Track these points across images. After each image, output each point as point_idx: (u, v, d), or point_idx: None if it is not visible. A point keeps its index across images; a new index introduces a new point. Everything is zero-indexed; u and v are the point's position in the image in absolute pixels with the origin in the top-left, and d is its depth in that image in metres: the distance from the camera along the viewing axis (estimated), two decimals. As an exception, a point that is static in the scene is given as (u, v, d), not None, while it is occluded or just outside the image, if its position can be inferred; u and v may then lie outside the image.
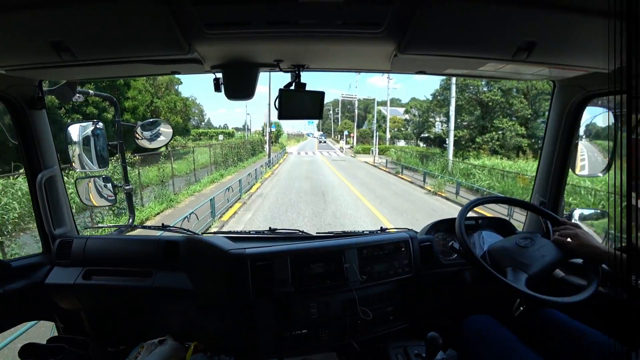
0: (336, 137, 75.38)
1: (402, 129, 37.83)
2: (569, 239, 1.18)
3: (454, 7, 0.80)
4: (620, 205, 0.61)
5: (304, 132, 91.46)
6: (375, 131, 28.79)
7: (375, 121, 29.85)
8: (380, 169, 21.94)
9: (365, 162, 25.99)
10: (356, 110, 44.95)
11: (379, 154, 29.19)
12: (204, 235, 1.61)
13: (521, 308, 1.30)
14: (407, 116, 36.21)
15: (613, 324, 1.18)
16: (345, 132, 47.02)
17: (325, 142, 60.24)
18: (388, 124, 26.93)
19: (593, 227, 1.45)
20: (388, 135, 34.27)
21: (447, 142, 23.14)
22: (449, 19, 0.84)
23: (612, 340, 1.05)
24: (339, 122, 73.26)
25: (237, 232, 1.70)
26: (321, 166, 22.49)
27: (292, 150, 41.17)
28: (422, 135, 30.75)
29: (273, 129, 32.89)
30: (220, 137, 35.50)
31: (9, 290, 1.32)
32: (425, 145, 30.87)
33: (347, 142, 53.27)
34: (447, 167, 17.92)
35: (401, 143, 37.16)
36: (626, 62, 0.59)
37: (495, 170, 14.32)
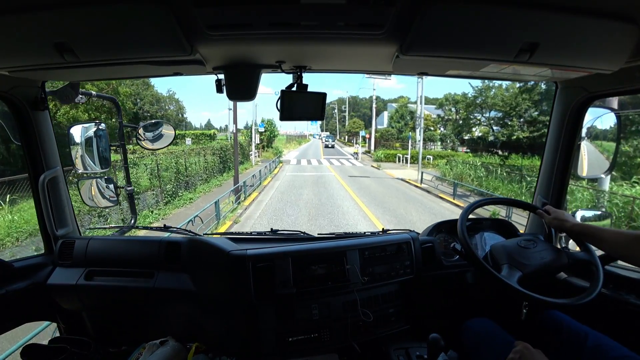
0: (342, 138, 66.86)
1: (432, 128, 28.86)
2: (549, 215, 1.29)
3: (455, 8, 0.80)
4: None
5: (306, 133, 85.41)
6: (420, 130, 17.24)
7: (421, 111, 17.13)
8: (445, 200, 11.40)
9: (402, 179, 16.03)
10: (374, 104, 33.58)
11: (409, 162, 21.48)
12: (206, 236, 1.61)
13: (524, 310, 1.30)
14: (438, 112, 27.67)
15: (618, 326, 1.18)
16: (362, 133, 35.55)
17: (333, 145, 46.77)
18: (422, 123, 16.36)
19: None
20: (420, 137, 24.05)
21: (497, 145, 18.45)
22: (451, 20, 0.84)
23: (617, 343, 1.04)
24: (347, 122, 65.02)
25: (238, 233, 1.70)
26: (335, 194, 11.75)
27: (291, 157, 30.34)
28: (460, 136, 23.96)
29: (261, 129, 25.39)
30: (188, 141, 23.57)
31: (12, 291, 1.32)
32: (468, 149, 23.68)
33: (358, 145, 41.96)
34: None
35: (435, 146, 28.69)
36: None
37: None
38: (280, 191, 12.43)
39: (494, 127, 19.68)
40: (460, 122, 22.53)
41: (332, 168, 21.36)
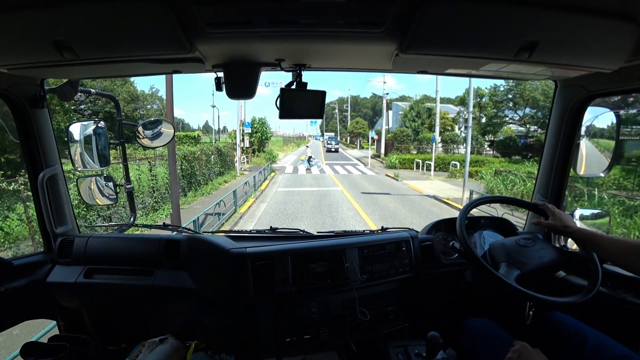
0: (344, 139, 61.76)
1: (449, 127, 24.64)
2: (549, 219, 1.24)
3: (455, 7, 0.81)
4: None
5: (305, 134, 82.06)
6: (468, 122, 12.25)
7: (470, 105, 12.14)
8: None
9: (435, 197, 11.86)
10: (384, 100, 28.61)
11: (433, 170, 17.12)
12: (205, 234, 1.61)
13: (530, 313, 1.30)
14: (459, 110, 24.58)
15: (617, 325, 1.19)
16: (371, 134, 27.78)
17: (337, 149, 37.53)
18: (470, 118, 11.80)
19: (594, 227, 1.45)
20: (439, 137, 20.08)
21: (532, 148, 15.01)
22: (451, 18, 0.84)
23: (617, 342, 1.05)
24: (348, 122, 60.16)
25: (238, 231, 1.70)
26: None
27: (287, 163, 24.48)
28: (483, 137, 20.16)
29: (247, 129, 20.82)
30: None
31: (11, 289, 1.32)
32: (498, 153, 20.03)
33: (361, 147, 36.69)
34: None
35: (457, 149, 23.44)
36: None
37: None
38: (263, 226, 7.57)
39: (531, 127, 16.62)
40: (484, 120, 19.16)
41: (337, 179, 16.23)
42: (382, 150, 27.85)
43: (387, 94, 29.34)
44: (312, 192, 12.38)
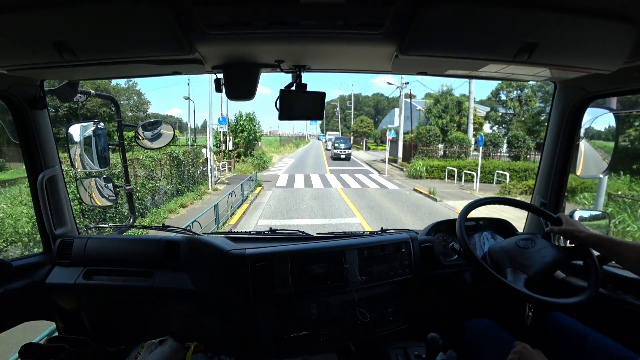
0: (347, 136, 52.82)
1: (477, 126, 20.05)
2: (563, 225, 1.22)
3: (455, 8, 0.81)
4: None
5: (306, 134, 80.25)
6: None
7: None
8: None
9: None
10: (402, 92, 22.36)
11: (478, 181, 12.48)
12: (204, 235, 1.61)
13: (530, 314, 1.29)
14: (495, 107, 21.11)
15: (616, 326, 1.18)
16: (390, 133, 20.84)
17: (348, 157, 26.33)
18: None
19: (593, 227, 1.45)
20: (471, 137, 16.55)
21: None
22: (450, 20, 0.84)
23: (617, 343, 1.05)
24: (352, 120, 55.59)
25: (237, 233, 1.70)
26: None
27: (280, 171, 18.34)
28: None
29: (222, 126, 15.51)
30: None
31: (10, 290, 1.32)
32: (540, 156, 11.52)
33: (367, 148, 33.89)
34: None
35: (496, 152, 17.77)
36: None
37: None
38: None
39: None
40: (523, 117, 16.30)
41: (348, 197, 11.20)
42: (400, 154, 21.73)
43: (407, 83, 22.63)
44: (315, 230, 6.32)
